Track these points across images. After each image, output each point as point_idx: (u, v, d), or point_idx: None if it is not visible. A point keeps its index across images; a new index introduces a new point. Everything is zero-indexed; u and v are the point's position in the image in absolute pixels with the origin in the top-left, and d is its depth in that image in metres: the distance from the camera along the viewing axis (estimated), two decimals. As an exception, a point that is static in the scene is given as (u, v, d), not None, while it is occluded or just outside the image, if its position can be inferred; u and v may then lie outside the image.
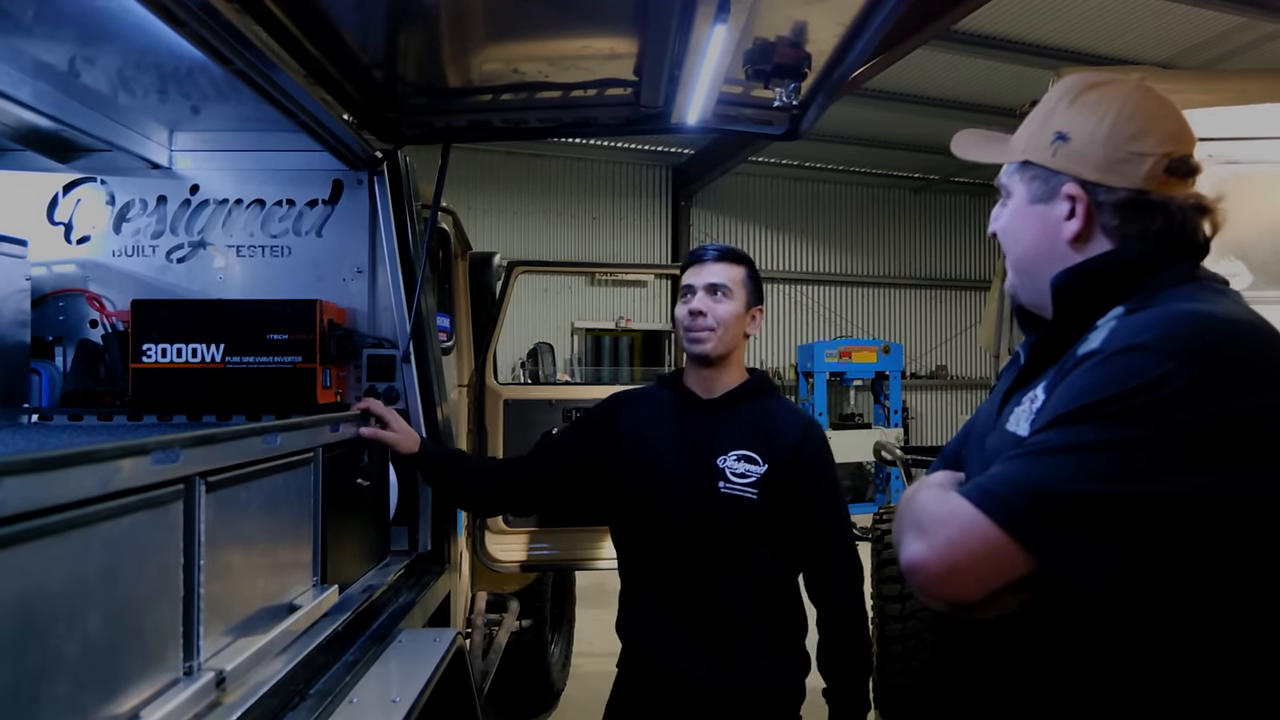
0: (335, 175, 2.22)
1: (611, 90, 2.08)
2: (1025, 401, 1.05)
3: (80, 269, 2.20)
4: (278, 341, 2.03)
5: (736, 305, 1.90)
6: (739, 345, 1.95)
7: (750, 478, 1.82)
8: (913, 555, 0.95)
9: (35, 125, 1.99)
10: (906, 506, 1.04)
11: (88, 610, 0.90)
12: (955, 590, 0.94)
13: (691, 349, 1.90)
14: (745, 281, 1.94)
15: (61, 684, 0.85)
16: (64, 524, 0.85)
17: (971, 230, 13.22)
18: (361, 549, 1.87)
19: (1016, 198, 1.13)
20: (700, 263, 1.94)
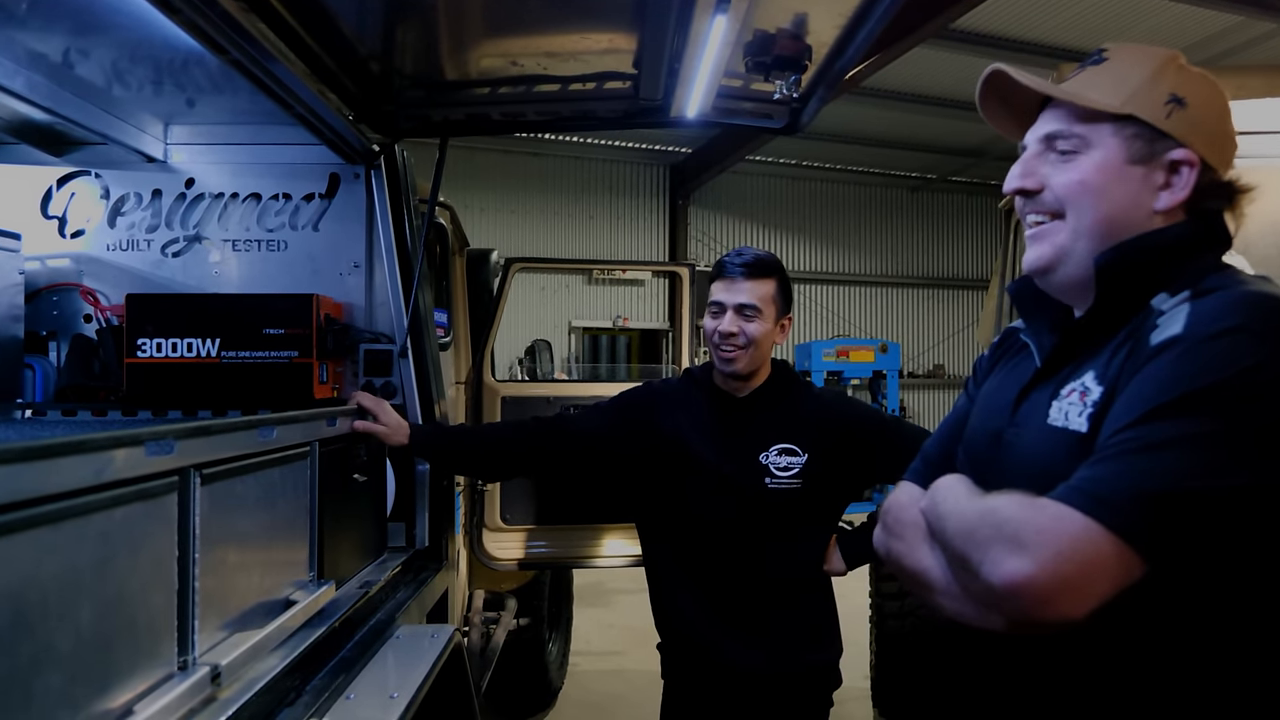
0: (332, 169, 2.21)
1: (610, 83, 2.07)
2: (1070, 394, 0.99)
3: (74, 263, 2.18)
4: (274, 336, 2.02)
5: (767, 324, 1.93)
6: (769, 354, 1.99)
7: (793, 469, 1.89)
8: (1013, 574, 0.86)
9: (29, 118, 1.98)
10: (955, 517, 0.97)
11: (81, 603, 0.88)
12: (1067, 608, 0.85)
13: (723, 368, 1.94)
14: (775, 296, 1.95)
15: (54, 677, 0.84)
16: (56, 514, 0.83)
17: (968, 229, 13.23)
18: (358, 545, 1.86)
19: (1105, 153, 1.03)
20: (731, 279, 1.94)
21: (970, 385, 1.29)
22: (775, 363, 2.03)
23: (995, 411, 1.15)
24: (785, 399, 1.98)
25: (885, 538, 1.18)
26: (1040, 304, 1.15)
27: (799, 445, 1.91)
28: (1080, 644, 0.94)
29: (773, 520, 1.91)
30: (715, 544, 1.92)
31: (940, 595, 1.05)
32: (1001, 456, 1.09)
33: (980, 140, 10.97)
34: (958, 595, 1.02)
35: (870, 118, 10.02)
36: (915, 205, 12.92)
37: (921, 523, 1.11)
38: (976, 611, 0.97)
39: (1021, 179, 1.09)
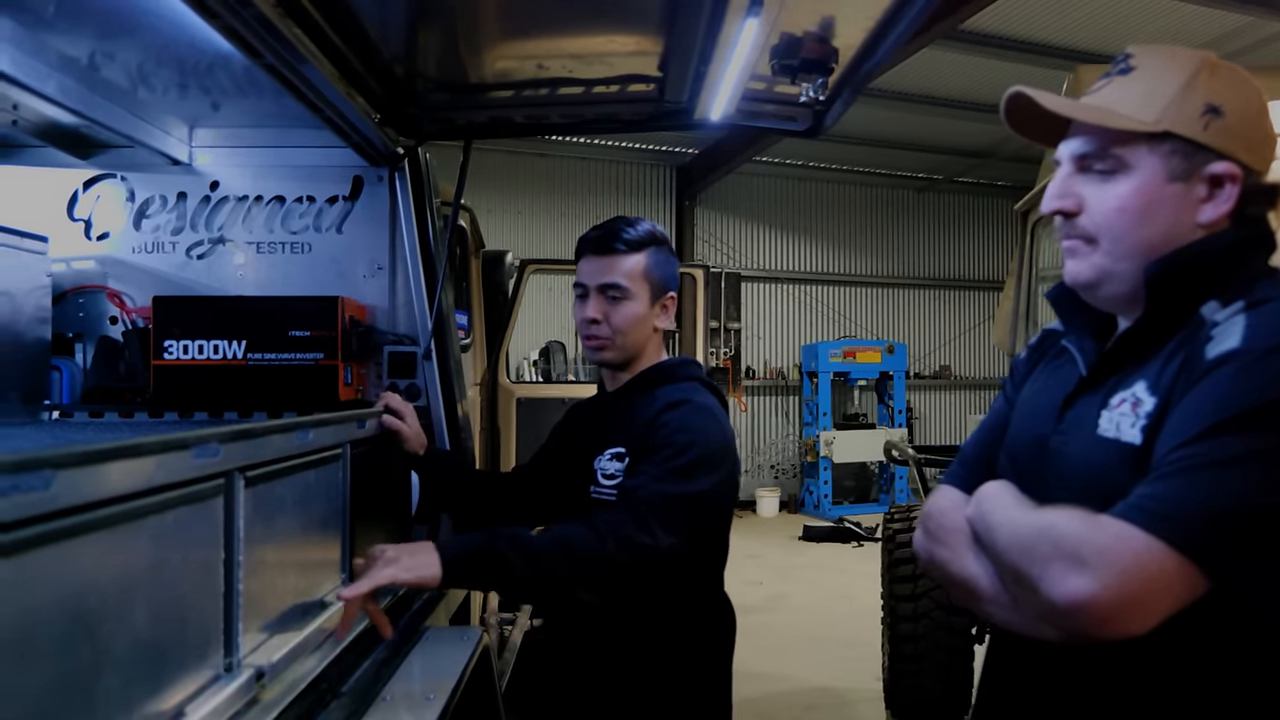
0: (355, 171, 2.21)
1: (634, 86, 2.07)
2: (1120, 404, 0.99)
3: (100, 265, 2.19)
4: (299, 338, 2.02)
5: (638, 305, 1.67)
6: (648, 341, 1.73)
7: (617, 479, 1.64)
8: (1076, 592, 0.85)
9: (57, 121, 1.99)
10: (1007, 529, 0.97)
11: (136, 605, 0.89)
12: (1130, 625, 0.85)
13: (590, 357, 1.74)
14: (648, 272, 1.68)
15: (112, 679, 0.84)
16: (113, 518, 0.84)
17: (975, 230, 13.21)
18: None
19: (1143, 175, 1.01)
20: (593, 256, 1.69)
21: (1008, 388, 1.28)
22: (679, 358, 1.77)
23: (1038, 417, 1.14)
24: (644, 395, 1.69)
25: (927, 543, 1.18)
26: (1080, 310, 1.14)
27: (628, 449, 1.64)
28: (1134, 654, 0.93)
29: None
30: None
31: (988, 604, 1.05)
32: (1047, 464, 1.09)
33: (987, 141, 10.95)
34: (1007, 604, 1.02)
35: (877, 118, 10.01)
36: (922, 206, 12.90)
37: (966, 529, 1.11)
38: (1028, 622, 0.97)
39: (1059, 200, 1.07)
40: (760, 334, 11.89)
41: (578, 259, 1.73)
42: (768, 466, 11.64)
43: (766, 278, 11.95)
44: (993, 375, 13.00)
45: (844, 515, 9.61)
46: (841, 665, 5.08)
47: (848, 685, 4.83)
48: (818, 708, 4.55)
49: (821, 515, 10.22)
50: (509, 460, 3.59)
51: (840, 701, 4.66)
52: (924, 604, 3.81)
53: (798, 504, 11.02)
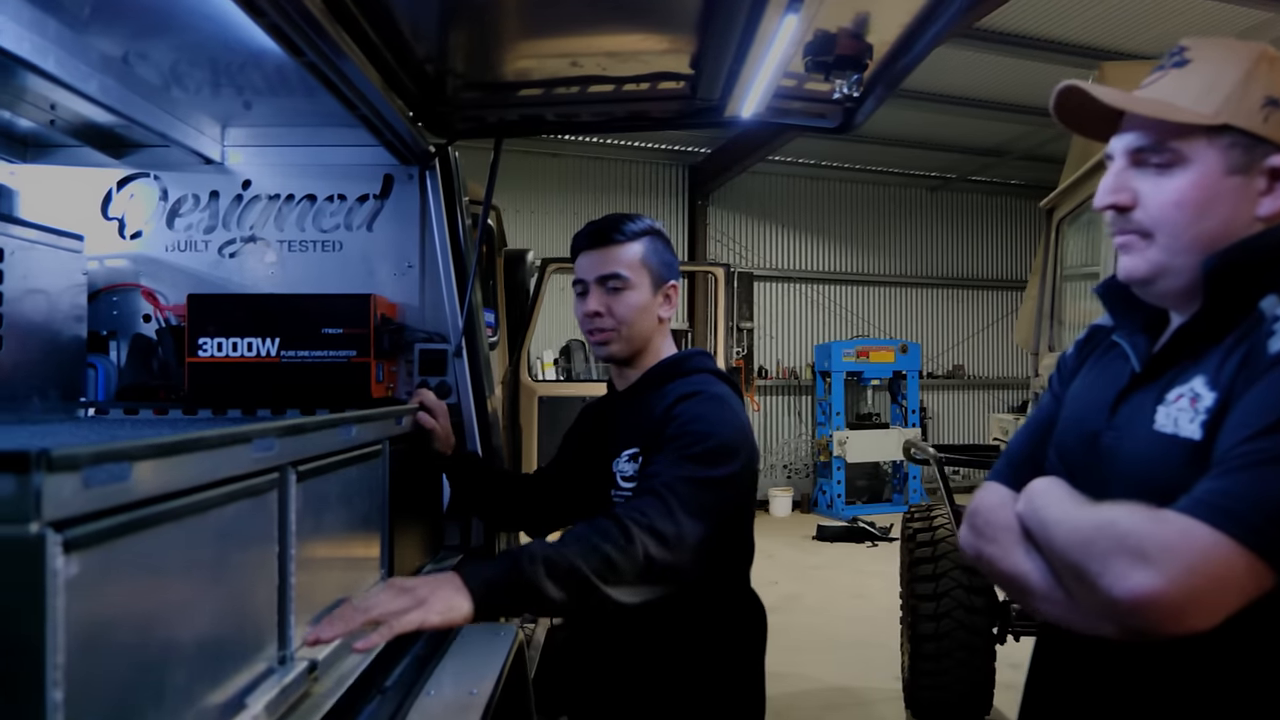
0: (386, 170, 2.22)
1: (665, 84, 2.07)
2: (1178, 399, 0.99)
3: (133, 264, 2.20)
4: (332, 336, 2.03)
5: (640, 294, 1.64)
6: (654, 333, 1.69)
7: (635, 480, 1.59)
8: (1139, 588, 0.86)
9: (93, 120, 2.01)
10: (1064, 526, 0.97)
11: (200, 597, 0.90)
12: (1196, 622, 0.85)
13: (596, 353, 1.70)
14: (646, 259, 1.65)
15: (177, 670, 0.85)
16: (180, 510, 0.84)
17: (989, 229, 13.17)
18: (421, 543, 1.87)
19: (1202, 168, 1.01)
20: (585, 250, 1.67)
21: (1055, 384, 1.28)
22: (687, 351, 1.74)
23: (1089, 413, 1.13)
24: (655, 391, 1.64)
25: (975, 540, 1.17)
26: (1130, 305, 1.14)
27: (643, 449, 1.60)
28: (1194, 651, 0.93)
29: None
30: None
31: (1040, 601, 1.05)
32: (1100, 460, 1.08)
33: (1001, 140, 10.92)
34: (1061, 601, 1.01)
35: (890, 117, 9.99)
36: (935, 205, 12.87)
37: (1015, 526, 1.11)
38: (1084, 619, 0.97)
39: (1114, 194, 1.06)
40: (773, 334, 11.88)
41: (574, 257, 1.69)
42: (780, 466, 11.62)
43: (779, 277, 11.94)
44: (1007, 375, 12.96)
45: (857, 515, 9.59)
46: (859, 665, 5.07)
47: (866, 685, 4.83)
48: (836, 707, 4.55)
49: (835, 515, 10.20)
50: (530, 458, 3.60)
51: (859, 701, 4.65)
52: (945, 603, 3.80)
53: (811, 504, 11.01)
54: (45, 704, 0.64)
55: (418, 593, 1.23)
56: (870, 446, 10.45)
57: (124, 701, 0.76)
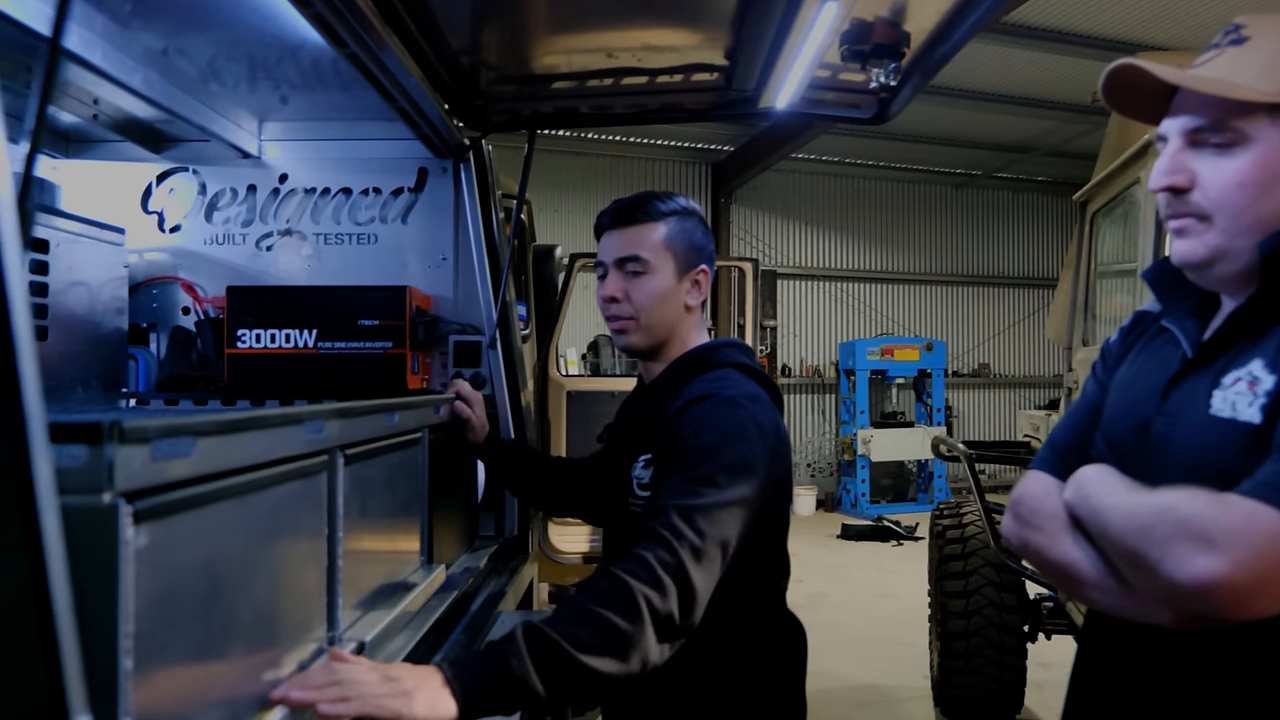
0: (421, 163, 2.24)
1: (700, 75, 2.07)
2: (1234, 383, 0.97)
3: (173, 257, 2.23)
4: (368, 327, 2.05)
5: (661, 280, 1.49)
6: (678, 322, 1.52)
7: (649, 489, 1.43)
8: (1204, 573, 0.85)
9: (134, 115, 2.03)
10: (1119, 512, 0.95)
11: (256, 574, 0.91)
12: (1262, 606, 0.85)
13: (615, 341, 1.55)
14: (672, 241, 1.50)
15: (235, 644, 0.86)
16: (239, 487, 0.86)
17: (1014, 226, 13.05)
18: (457, 531, 1.89)
19: (1264, 148, 0.99)
20: (608, 230, 1.53)
21: (1099, 371, 1.26)
22: (714, 341, 1.55)
23: (1139, 399, 1.12)
24: (674, 388, 1.47)
25: (1020, 529, 1.16)
26: (1180, 289, 1.12)
27: (655, 457, 1.44)
28: (1255, 638, 0.92)
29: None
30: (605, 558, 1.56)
31: (1091, 589, 1.04)
32: (1151, 447, 1.07)
33: (1026, 136, 10.82)
34: (1113, 590, 1.00)
35: (915, 114, 9.93)
36: (960, 202, 12.77)
37: (1062, 514, 1.09)
38: (1138, 607, 0.96)
39: (1170, 176, 1.03)
40: (796, 332, 11.84)
41: (598, 237, 1.56)
42: (804, 465, 11.58)
43: (802, 275, 11.90)
44: (1033, 373, 12.84)
45: (882, 514, 9.53)
46: (886, 663, 5.04)
47: (894, 683, 4.80)
48: (865, 705, 4.52)
49: (859, 514, 10.15)
50: (559, 452, 3.62)
51: (887, 700, 4.62)
52: (975, 600, 3.77)
53: (835, 503, 10.96)
54: (116, 672, 0.65)
55: (402, 684, 1.04)
56: (895, 445, 10.38)
57: (185, 671, 0.77)
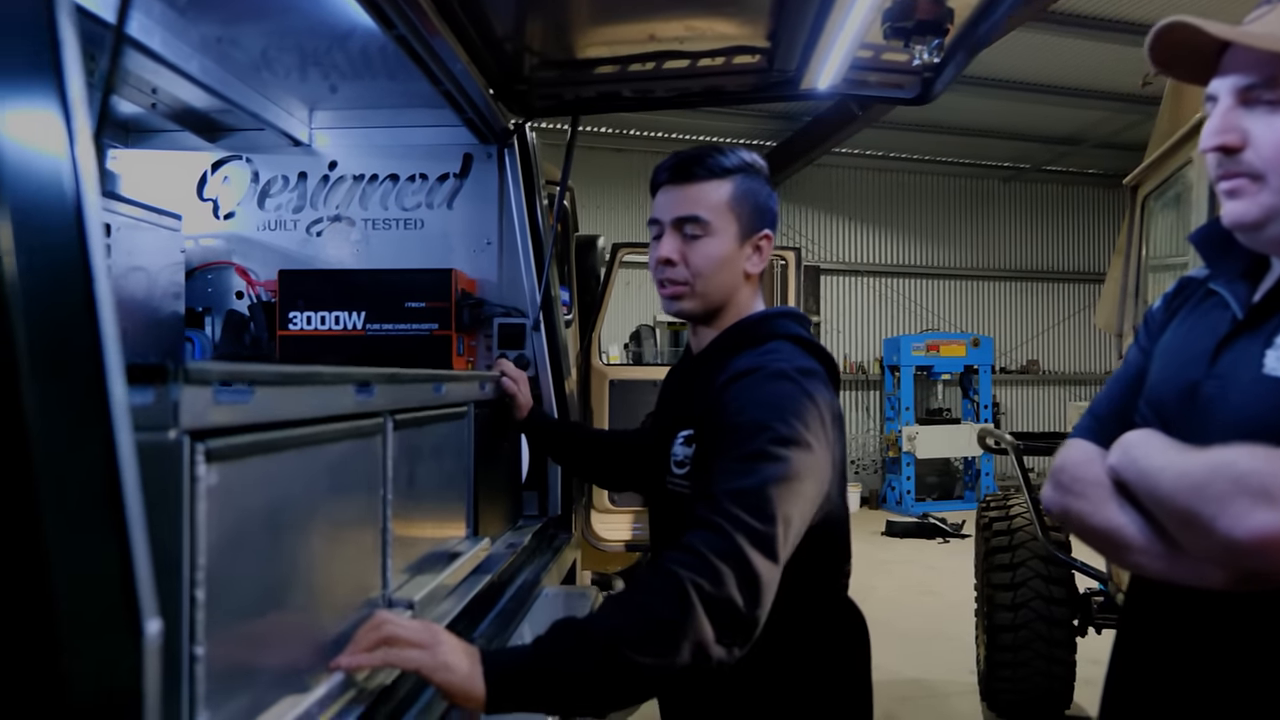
0: (466, 149, 2.28)
1: (741, 58, 2.08)
2: None
3: (227, 243, 2.30)
4: (415, 309, 2.09)
5: (721, 243, 1.38)
6: (736, 289, 1.42)
7: (686, 467, 1.36)
8: (1264, 527, 0.84)
9: (190, 104, 2.10)
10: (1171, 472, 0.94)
11: (314, 528, 0.93)
12: None
13: (666, 307, 1.45)
14: (735, 202, 1.39)
15: (295, 595, 0.89)
16: (295, 440, 0.88)
17: (1065, 220, 12.79)
18: (501, 508, 1.91)
19: None
20: (665, 185, 1.42)
21: (1143, 338, 1.24)
22: (767, 310, 1.45)
23: (1187, 363, 1.10)
24: (721, 360, 1.37)
25: (1061, 497, 1.15)
26: (1228, 252, 1.10)
27: (697, 434, 1.35)
28: None
29: (675, 536, 1.21)
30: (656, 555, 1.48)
31: (1137, 554, 1.03)
32: (1200, 410, 1.05)
33: (1076, 127, 10.61)
34: (1160, 554, 0.99)
35: (961, 106, 9.79)
36: (1008, 196, 12.56)
37: (1105, 480, 1.08)
38: (1188, 569, 0.95)
39: (1221, 135, 1.01)
40: (839, 327, 11.75)
41: (653, 193, 1.46)
42: (848, 461, 11.48)
43: (846, 270, 11.80)
44: (1083, 370, 12.58)
45: (927, 512, 9.42)
46: (931, 658, 4.99)
47: (939, 678, 4.74)
48: (910, 699, 4.48)
49: (904, 512, 10.04)
50: (601, 442, 3.64)
51: (933, 694, 4.57)
52: (1023, 593, 3.72)
53: (879, 500, 10.86)
54: (184, 603, 0.68)
55: (443, 654, 1.01)
56: (941, 442, 10.25)
57: (250, 612, 0.80)
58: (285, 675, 0.87)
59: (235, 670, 0.76)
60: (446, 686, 1.00)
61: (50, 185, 0.49)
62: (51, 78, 0.50)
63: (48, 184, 0.48)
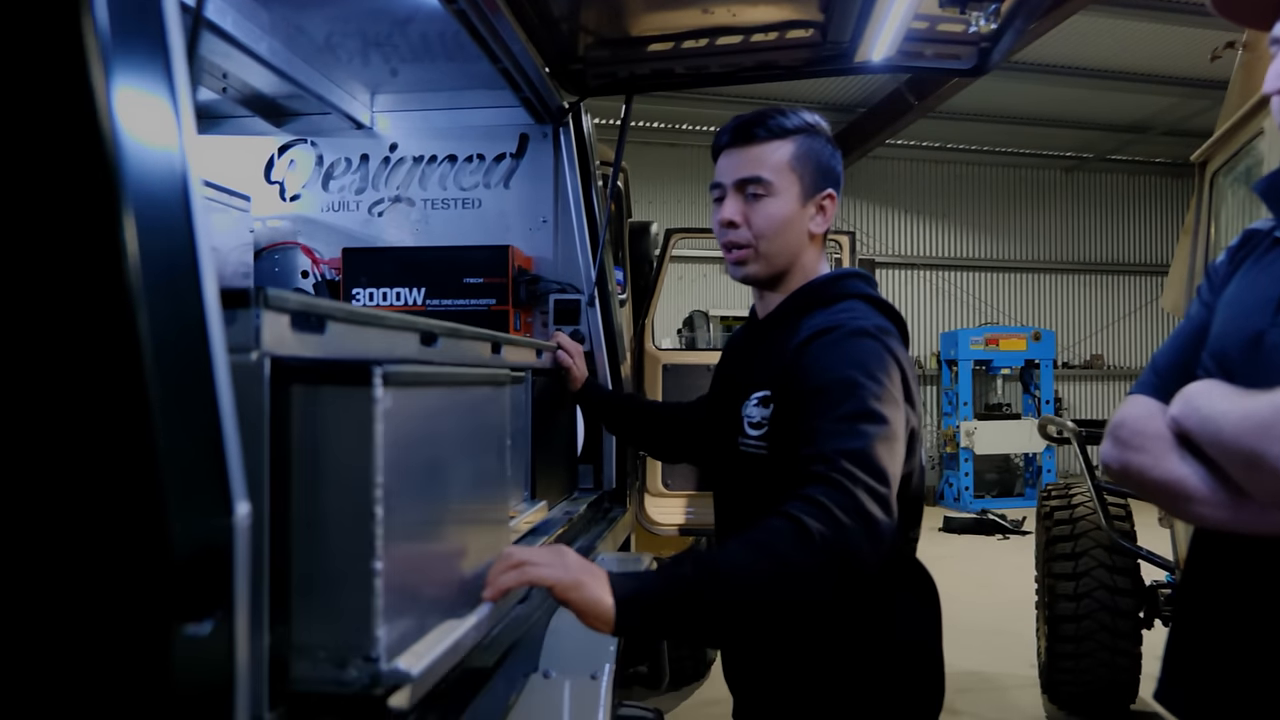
0: (522, 130, 2.32)
1: (795, 32, 2.08)
2: None
3: (293, 224, 2.37)
4: (473, 285, 2.14)
5: (784, 204, 1.38)
6: (801, 251, 1.42)
7: (763, 428, 1.36)
8: None
9: (259, 90, 2.18)
10: (1235, 416, 0.93)
11: (463, 464, 0.99)
12: None
13: (731, 272, 1.45)
14: (797, 163, 1.39)
15: (452, 511, 0.95)
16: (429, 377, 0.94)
17: (1131, 210, 12.43)
18: (557, 477, 1.95)
19: None
20: (726, 148, 1.42)
21: (1205, 293, 1.23)
22: (836, 272, 1.46)
23: (1251, 313, 1.08)
24: (792, 322, 1.38)
25: (1120, 452, 1.13)
26: None
27: (773, 392, 1.35)
28: None
29: (748, 497, 1.39)
30: (721, 520, 1.50)
31: (1200, 505, 1.01)
32: (1265, 357, 1.04)
33: (1143, 114, 10.30)
34: (1224, 503, 0.98)
35: (1020, 94, 9.58)
36: (1071, 186, 12.26)
37: (1167, 433, 1.07)
38: (1253, 517, 0.94)
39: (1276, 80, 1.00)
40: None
41: (715, 158, 1.47)
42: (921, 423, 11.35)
43: (902, 264, 11.65)
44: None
45: (986, 508, 9.25)
46: (990, 652, 4.90)
47: (999, 671, 4.66)
48: (970, 691, 4.41)
49: (962, 508, 9.86)
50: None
51: (993, 687, 4.50)
52: (1085, 583, 3.63)
53: (936, 496, 10.69)
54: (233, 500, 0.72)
55: (575, 573, 1.04)
56: (1000, 437, 10.05)
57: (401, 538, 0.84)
58: (439, 600, 0.93)
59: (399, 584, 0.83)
60: (579, 605, 1.03)
61: (164, 167, 0.58)
62: (165, 76, 0.58)
63: (162, 167, 0.58)
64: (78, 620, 0.49)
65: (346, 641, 0.75)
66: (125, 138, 0.52)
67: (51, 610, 0.49)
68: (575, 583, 1.03)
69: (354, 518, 0.75)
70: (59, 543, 0.49)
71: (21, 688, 0.49)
